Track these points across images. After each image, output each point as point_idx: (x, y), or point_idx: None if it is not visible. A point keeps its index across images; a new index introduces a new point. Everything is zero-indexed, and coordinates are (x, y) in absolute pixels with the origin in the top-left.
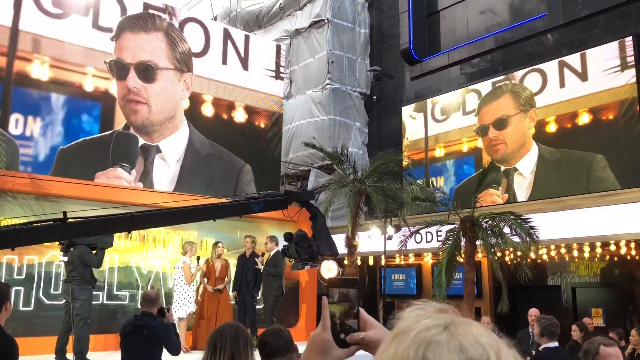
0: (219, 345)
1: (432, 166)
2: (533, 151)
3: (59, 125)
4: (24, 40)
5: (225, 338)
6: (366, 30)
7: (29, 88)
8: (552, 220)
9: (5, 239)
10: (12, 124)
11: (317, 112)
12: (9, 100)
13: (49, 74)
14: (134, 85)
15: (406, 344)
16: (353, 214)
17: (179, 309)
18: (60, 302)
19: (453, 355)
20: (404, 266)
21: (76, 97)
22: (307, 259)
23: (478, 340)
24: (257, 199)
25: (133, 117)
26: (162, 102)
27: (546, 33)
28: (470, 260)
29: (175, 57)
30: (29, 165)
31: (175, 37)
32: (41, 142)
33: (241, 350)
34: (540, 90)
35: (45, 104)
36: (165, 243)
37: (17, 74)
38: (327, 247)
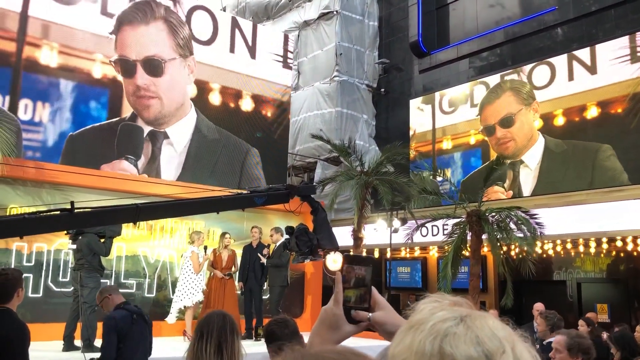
0: (206, 333)
1: (440, 158)
2: (539, 143)
3: (68, 112)
4: (33, 26)
5: (211, 326)
6: (375, 22)
7: (38, 74)
8: (558, 215)
9: (15, 228)
10: (22, 109)
11: (324, 104)
12: (18, 86)
13: (57, 60)
14: (143, 82)
15: (422, 336)
16: (359, 207)
17: (185, 298)
18: (68, 289)
19: (469, 347)
20: (409, 259)
21: (84, 84)
22: (307, 253)
23: (494, 333)
24: (260, 193)
25: (145, 113)
26: (172, 93)
27: (556, 27)
28: (476, 254)
29: (177, 44)
30: (38, 150)
31: (174, 22)
32: (50, 128)
33: (227, 337)
34: (549, 83)
35: (54, 90)
36: (172, 232)
37: (27, 59)
38: (327, 240)
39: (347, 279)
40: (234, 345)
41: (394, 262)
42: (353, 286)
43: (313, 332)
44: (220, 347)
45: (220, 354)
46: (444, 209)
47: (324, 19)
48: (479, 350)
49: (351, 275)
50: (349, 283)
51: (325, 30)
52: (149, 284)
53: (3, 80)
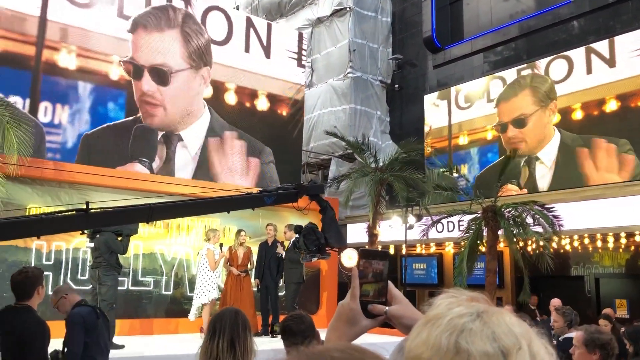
0: (219, 330)
1: (456, 154)
2: (555, 139)
3: (86, 113)
4: (51, 30)
5: (224, 323)
6: (388, 18)
7: (57, 76)
8: (575, 210)
9: (32, 228)
10: (42, 111)
11: (338, 101)
12: (38, 89)
13: (75, 63)
14: (149, 88)
15: (438, 331)
16: (374, 203)
17: (202, 295)
18: (87, 287)
19: (486, 343)
20: (425, 255)
21: (102, 85)
22: (315, 251)
23: (511, 330)
24: (270, 192)
25: (149, 119)
26: (177, 102)
27: (572, 20)
28: (492, 250)
29: (190, 55)
30: (58, 152)
31: (190, 31)
32: (69, 130)
33: (240, 333)
34: (566, 77)
35: (73, 92)
36: (188, 230)
37: (46, 62)
38: (335, 239)
39: (365, 274)
40: (247, 341)
41: (409, 258)
42: (370, 280)
43: (330, 327)
44: (232, 343)
45: (233, 350)
46: (460, 204)
47: (337, 16)
48: (495, 346)
49: (368, 270)
50: (366, 277)
51: (338, 27)
52: (165, 282)
53: (24, 83)
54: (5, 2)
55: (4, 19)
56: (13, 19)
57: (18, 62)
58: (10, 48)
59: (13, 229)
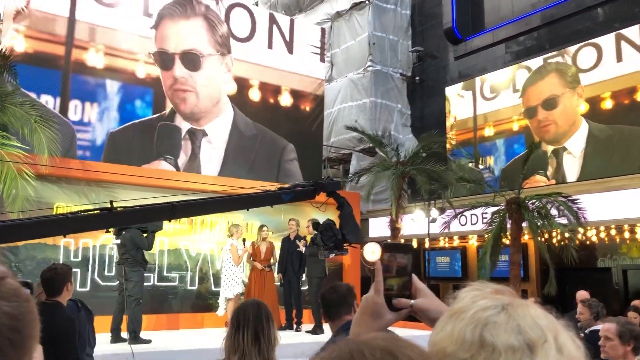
0: (242, 322)
1: (482, 145)
2: (582, 129)
3: (114, 111)
4: (80, 30)
5: (247, 315)
6: (408, 10)
7: (86, 75)
8: (601, 200)
9: (58, 227)
10: (72, 110)
11: (358, 94)
12: (68, 88)
13: (103, 61)
14: (181, 74)
15: (463, 324)
16: (396, 197)
17: (226, 290)
18: (114, 283)
19: (510, 336)
20: (448, 249)
21: (129, 83)
22: (332, 247)
23: (536, 322)
24: (288, 190)
25: (182, 106)
26: (208, 89)
27: (596, 7)
28: (516, 243)
29: (216, 41)
30: (87, 149)
31: (214, 20)
32: (98, 127)
33: (264, 326)
34: (595, 65)
35: (101, 90)
36: (212, 226)
37: (75, 62)
38: (353, 235)
39: (388, 268)
40: (270, 332)
41: (432, 252)
42: (395, 274)
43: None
44: (257, 335)
45: (257, 342)
46: (483, 197)
47: (356, 9)
48: (520, 339)
49: (392, 264)
50: (391, 272)
51: (357, 21)
52: (190, 277)
53: (54, 82)
54: (35, 4)
55: (35, 20)
56: (43, 20)
57: (48, 62)
58: (41, 48)
59: (40, 228)
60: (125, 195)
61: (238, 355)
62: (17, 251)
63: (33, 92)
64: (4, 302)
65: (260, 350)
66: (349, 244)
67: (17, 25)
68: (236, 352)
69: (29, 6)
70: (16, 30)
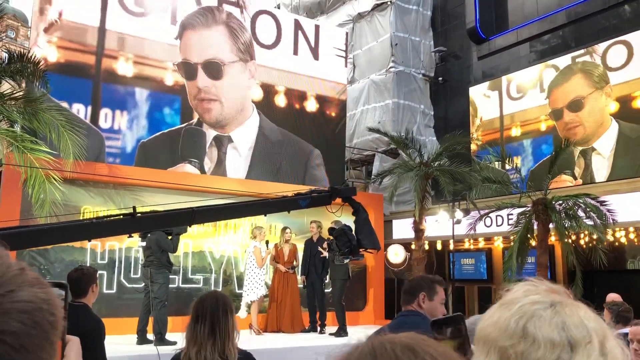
0: (200, 315)
1: (508, 146)
2: (612, 129)
3: (143, 119)
4: (110, 39)
5: (205, 308)
6: (430, 10)
7: (116, 84)
8: (630, 201)
9: (83, 232)
10: (102, 118)
11: (381, 96)
12: (98, 96)
13: (133, 70)
14: (204, 84)
15: (509, 314)
16: (420, 198)
17: (250, 292)
18: (139, 285)
19: (553, 331)
20: (473, 250)
21: (158, 91)
22: (347, 252)
23: (584, 323)
24: (304, 196)
25: (207, 115)
26: (232, 96)
27: (623, 4)
28: (543, 244)
29: (238, 48)
30: (118, 157)
31: (235, 27)
32: (128, 135)
33: (221, 319)
34: (626, 63)
35: (131, 98)
36: (235, 228)
37: (105, 71)
38: (368, 241)
39: (443, 332)
40: (228, 325)
41: (457, 253)
42: (450, 337)
43: None
44: (213, 328)
45: (213, 335)
46: (509, 198)
47: (378, 10)
48: (562, 335)
49: (446, 329)
50: (445, 335)
51: (379, 22)
52: (215, 279)
53: (85, 91)
54: (67, 15)
55: (67, 31)
56: (75, 30)
57: (80, 71)
58: (72, 57)
59: (65, 233)
60: (150, 198)
61: (196, 348)
62: (46, 254)
63: (65, 101)
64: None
65: (215, 343)
66: (365, 249)
67: (50, 36)
68: (194, 345)
69: (61, 17)
70: (49, 42)
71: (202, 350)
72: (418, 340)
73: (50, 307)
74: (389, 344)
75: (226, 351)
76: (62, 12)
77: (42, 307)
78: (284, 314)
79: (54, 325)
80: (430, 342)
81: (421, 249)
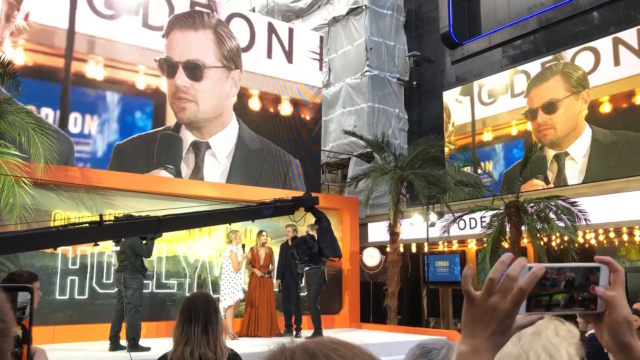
0: (194, 316)
1: (480, 150)
2: (586, 134)
3: (115, 123)
4: (79, 42)
5: (198, 309)
6: (404, 15)
7: (86, 87)
8: (599, 204)
9: (49, 240)
10: (72, 122)
11: (356, 99)
12: (67, 100)
13: (103, 74)
14: (182, 83)
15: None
16: (395, 201)
17: (227, 297)
18: (112, 290)
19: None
20: (447, 253)
21: (129, 95)
22: (307, 261)
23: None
24: (268, 205)
25: (180, 114)
26: (209, 100)
27: (592, 11)
28: (516, 246)
29: (223, 55)
30: (88, 161)
31: (223, 34)
32: (99, 139)
33: (212, 318)
34: (593, 69)
35: (101, 102)
36: (210, 233)
37: (74, 74)
38: (330, 249)
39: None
40: (218, 324)
41: (431, 256)
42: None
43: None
44: (206, 327)
45: (206, 334)
46: (482, 201)
47: (353, 14)
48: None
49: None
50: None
51: (354, 26)
52: (189, 284)
53: (53, 95)
54: (35, 16)
55: (34, 33)
56: (43, 32)
57: (48, 75)
58: (40, 61)
59: (30, 241)
60: (123, 202)
61: (190, 347)
62: (15, 260)
63: (33, 105)
64: None
65: (208, 341)
66: (327, 257)
67: (16, 38)
68: (187, 344)
69: (28, 19)
70: (14, 44)
71: (196, 348)
72: (325, 345)
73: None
74: (290, 350)
75: (217, 350)
76: (29, 14)
77: None
78: (261, 319)
79: (3, 332)
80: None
81: (396, 252)
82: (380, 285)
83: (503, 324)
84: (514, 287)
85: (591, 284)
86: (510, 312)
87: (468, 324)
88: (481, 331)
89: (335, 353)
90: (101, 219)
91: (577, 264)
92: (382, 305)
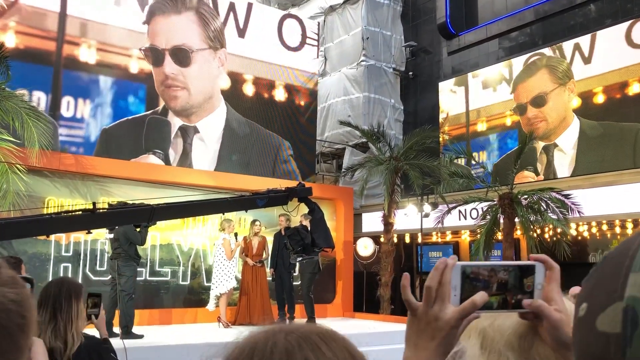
0: (43, 301)
1: (474, 141)
2: (574, 126)
3: (108, 107)
4: (71, 25)
5: (48, 294)
6: (401, 5)
7: (78, 71)
8: (592, 196)
9: (42, 228)
10: (64, 106)
11: (352, 89)
12: (59, 84)
13: (96, 57)
14: (171, 71)
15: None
16: (389, 192)
17: (220, 285)
18: (106, 278)
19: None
20: (441, 244)
21: (122, 79)
22: (300, 251)
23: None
24: (262, 195)
25: (173, 102)
26: (200, 84)
27: (589, 4)
28: (509, 238)
29: (208, 36)
30: (81, 146)
31: (206, 14)
32: (92, 124)
33: (63, 303)
34: (587, 61)
35: (94, 86)
36: (204, 221)
37: (66, 58)
38: (322, 240)
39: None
40: (71, 310)
41: (425, 247)
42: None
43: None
44: (55, 313)
45: (54, 321)
46: (476, 192)
47: (350, 3)
48: None
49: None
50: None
51: (351, 15)
52: (183, 272)
53: (45, 78)
54: None
55: (25, 15)
56: (34, 15)
57: (39, 58)
58: (31, 44)
59: (22, 228)
60: (116, 189)
61: (37, 333)
62: (8, 246)
63: (24, 89)
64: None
65: (55, 329)
66: (320, 248)
67: (6, 20)
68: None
69: (18, 1)
70: (4, 26)
71: (41, 335)
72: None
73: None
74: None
75: (67, 337)
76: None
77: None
78: (255, 307)
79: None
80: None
81: (390, 242)
82: (374, 275)
83: (449, 335)
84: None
85: (527, 283)
86: (455, 321)
87: (412, 336)
88: (425, 342)
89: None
90: (94, 207)
91: (511, 262)
92: (375, 295)
